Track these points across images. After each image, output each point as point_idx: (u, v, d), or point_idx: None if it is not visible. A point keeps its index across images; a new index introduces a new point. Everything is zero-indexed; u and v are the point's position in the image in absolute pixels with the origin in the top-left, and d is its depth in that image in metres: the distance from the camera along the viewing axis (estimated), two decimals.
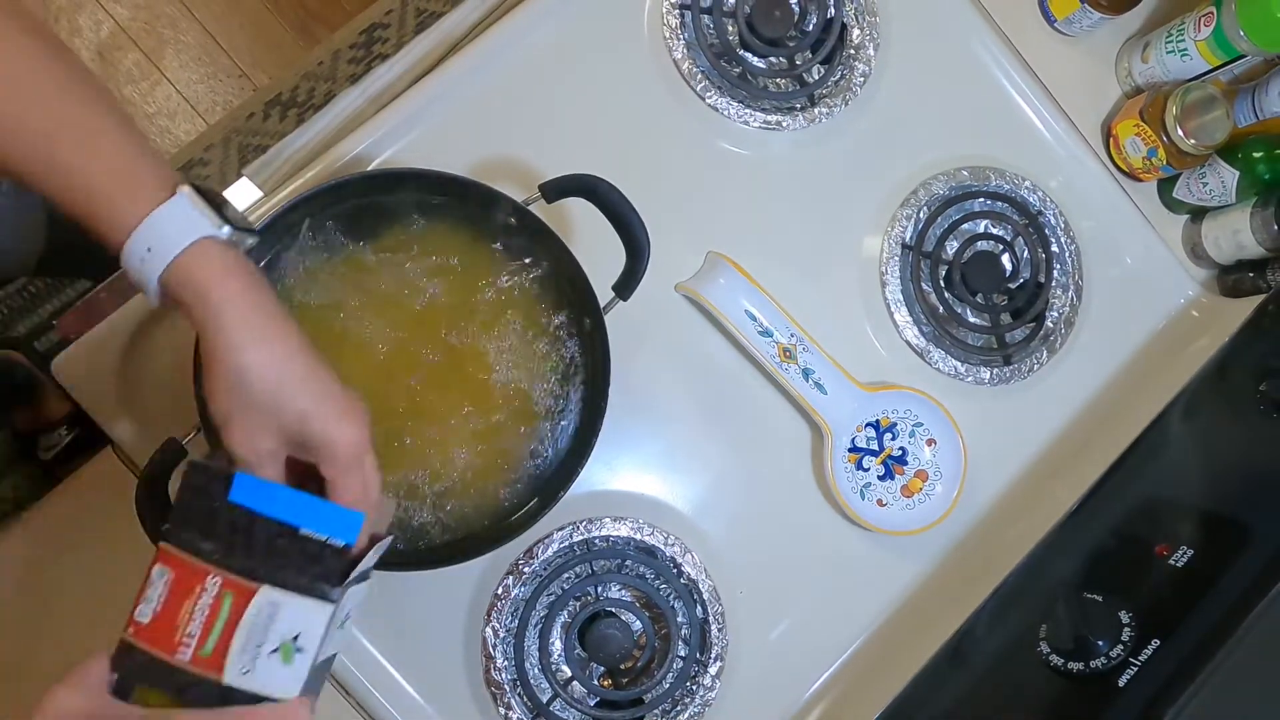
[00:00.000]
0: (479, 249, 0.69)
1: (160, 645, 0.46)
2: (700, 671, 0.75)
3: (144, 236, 0.44)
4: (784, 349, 0.76)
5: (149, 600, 0.47)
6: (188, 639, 0.46)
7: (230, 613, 0.46)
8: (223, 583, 0.46)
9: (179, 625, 0.46)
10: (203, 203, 0.45)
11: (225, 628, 0.46)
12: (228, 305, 0.44)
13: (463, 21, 0.82)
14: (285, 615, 0.46)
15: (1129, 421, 0.82)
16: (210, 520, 0.47)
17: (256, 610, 0.46)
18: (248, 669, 0.46)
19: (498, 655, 0.73)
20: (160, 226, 0.44)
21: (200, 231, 0.44)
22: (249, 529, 0.47)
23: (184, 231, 0.44)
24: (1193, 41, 0.82)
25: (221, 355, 0.44)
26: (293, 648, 0.46)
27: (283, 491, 0.47)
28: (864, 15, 0.84)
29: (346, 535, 0.47)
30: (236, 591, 0.46)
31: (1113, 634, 0.63)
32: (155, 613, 0.47)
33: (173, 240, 0.44)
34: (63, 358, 0.71)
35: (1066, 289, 0.86)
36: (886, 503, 0.79)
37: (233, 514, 0.47)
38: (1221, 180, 0.84)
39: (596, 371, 0.69)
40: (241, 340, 0.44)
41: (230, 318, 0.44)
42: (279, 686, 0.46)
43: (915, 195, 0.84)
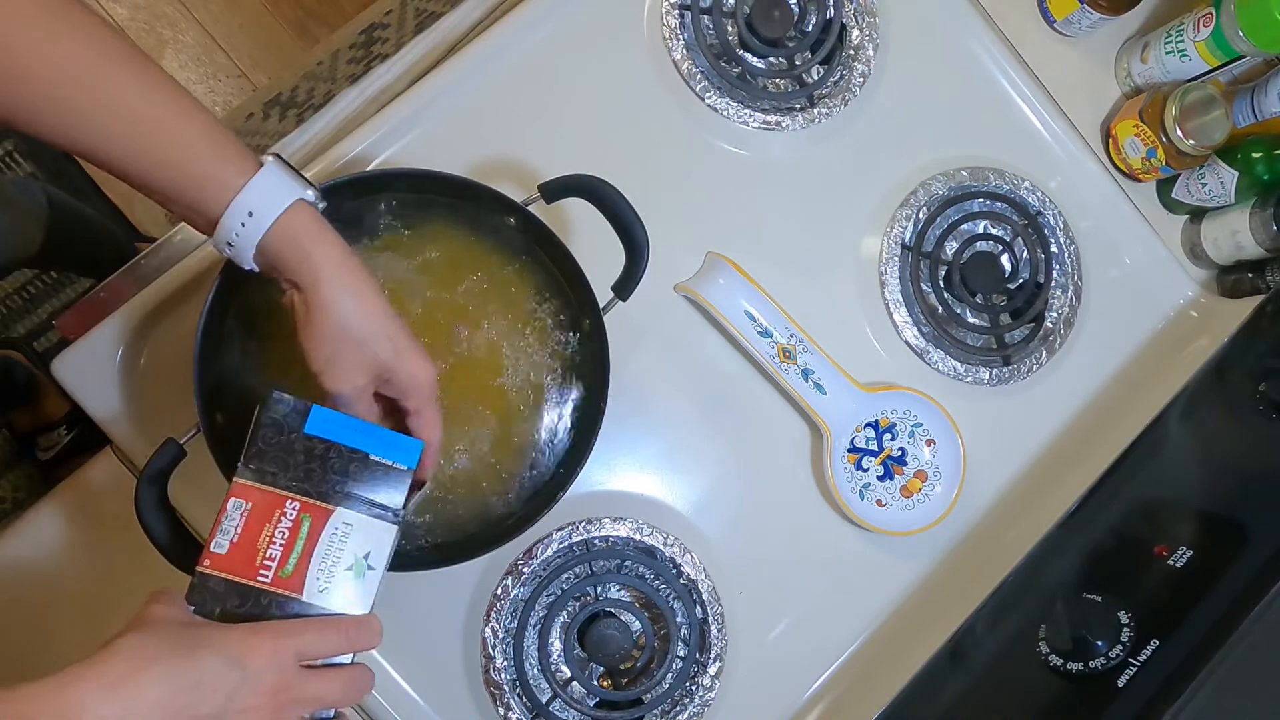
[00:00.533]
0: (478, 249, 0.69)
1: (240, 571, 0.50)
2: (699, 672, 0.75)
3: (243, 204, 0.48)
4: (783, 349, 0.77)
5: (225, 532, 0.50)
6: (268, 562, 0.50)
7: (308, 534, 0.50)
8: (301, 506, 0.51)
9: (259, 550, 0.50)
10: (291, 169, 0.49)
11: (304, 548, 0.50)
12: (328, 262, 0.50)
13: (463, 21, 0.82)
14: (357, 535, 0.51)
15: (1128, 422, 0.82)
16: (287, 451, 0.51)
17: (332, 530, 0.51)
18: (325, 586, 0.50)
19: (497, 655, 0.73)
20: (259, 194, 0.48)
21: (295, 194, 0.49)
22: (324, 456, 0.52)
23: (281, 196, 0.49)
24: (1192, 42, 0.82)
25: (327, 304, 0.50)
26: (364, 564, 0.51)
27: (352, 422, 0.53)
28: (863, 16, 0.84)
29: (409, 460, 0.53)
30: (314, 514, 0.51)
31: (1112, 634, 0.64)
32: (233, 542, 0.50)
33: (272, 205, 0.48)
34: (62, 358, 0.71)
35: (1066, 289, 0.86)
36: (886, 503, 0.79)
37: (309, 443, 0.52)
38: (1220, 181, 0.84)
39: (596, 372, 0.69)
40: (344, 291, 0.50)
41: (332, 272, 0.50)
42: (353, 602, 0.51)
43: (914, 195, 0.84)
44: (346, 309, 0.51)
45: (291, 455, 0.52)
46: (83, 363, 0.72)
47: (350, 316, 0.51)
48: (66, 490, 0.72)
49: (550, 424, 0.70)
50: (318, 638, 0.48)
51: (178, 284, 0.73)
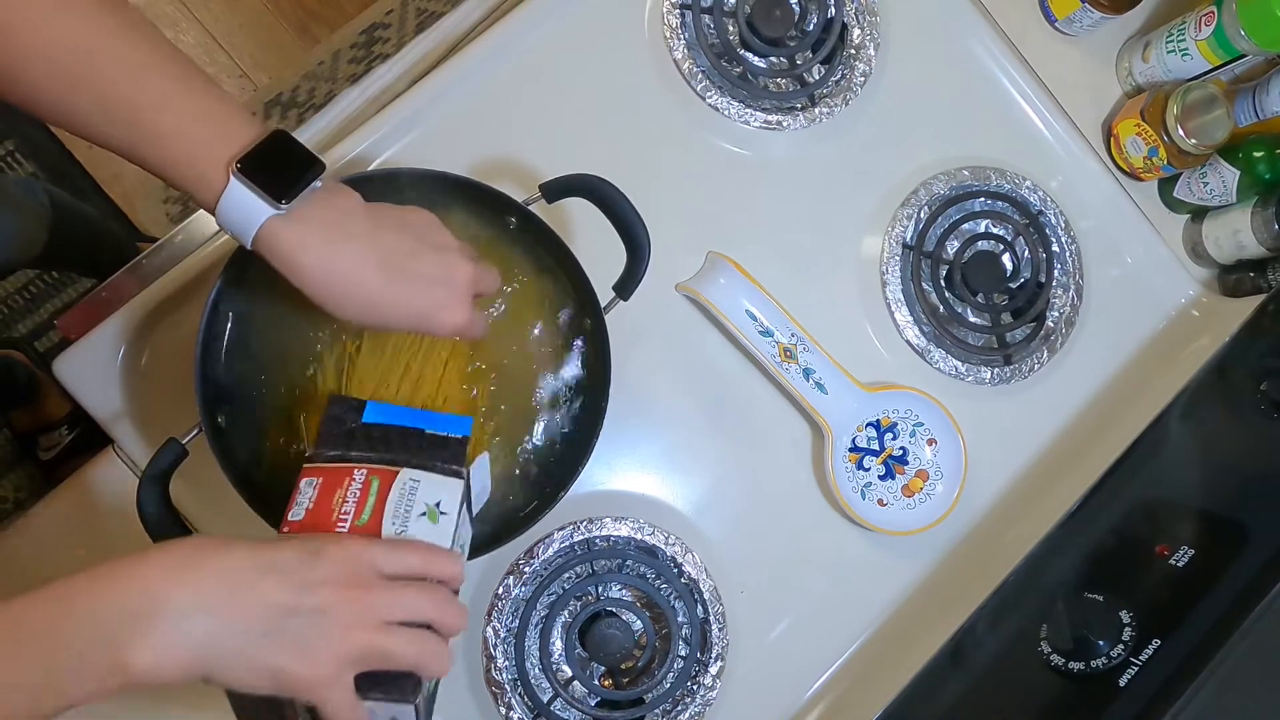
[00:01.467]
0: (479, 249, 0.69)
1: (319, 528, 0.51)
2: (701, 671, 0.75)
3: (221, 220, 0.49)
4: (784, 349, 0.76)
5: (300, 505, 0.52)
6: (344, 517, 0.51)
7: (379, 491, 0.52)
8: (369, 471, 0.53)
9: (334, 509, 0.51)
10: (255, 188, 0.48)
11: (376, 503, 0.52)
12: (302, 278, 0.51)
13: (464, 21, 0.82)
14: (425, 488, 0.53)
15: (1129, 421, 0.82)
16: (349, 439, 0.55)
17: (401, 485, 0.53)
18: (401, 530, 0.51)
19: (498, 655, 0.73)
20: (229, 215, 0.49)
21: (261, 216, 0.49)
22: (384, 436, 0.55)
23: (248, 218, 0.49)
24: (1193, 41, 0.82)
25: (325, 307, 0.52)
26: (437, 511, 0.53)
27: (405, 410, 0.57)
28: (864, 15, 0.84)
29: (462, 430, 0.57)
30: (381, 476, 0.53)
31: (1113, 634, 0.63)
32: (308, 509, 0.51)
33: (242, 226, 0.49)
34: (64, 358, 0.72)
35: (1067, 289, 0.86)
36: (887, 502, 0.79)
37: (368, 430, 0.56)
38: (1222, 180, 0.84)
39: (597, 371, 0.69)
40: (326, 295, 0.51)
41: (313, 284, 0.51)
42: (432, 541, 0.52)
43: (916, 195, 0.84)
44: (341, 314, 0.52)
45: (353, 441, 0.55)
46: (84, 362, 0.72)
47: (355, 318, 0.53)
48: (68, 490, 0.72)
49: (551, 423, 0.70)
50: (393, 551, 0.49)
51: (179, 284, 0.73)
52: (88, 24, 0.46)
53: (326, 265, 0.51)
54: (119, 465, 0.72)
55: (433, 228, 0.56)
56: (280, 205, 0.49)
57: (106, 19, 0.47)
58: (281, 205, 0.49)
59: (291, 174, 0.50)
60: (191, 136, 0.48)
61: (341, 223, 0.52)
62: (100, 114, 0.47)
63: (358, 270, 0.51)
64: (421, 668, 0.48)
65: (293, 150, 0.51)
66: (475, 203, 0.67)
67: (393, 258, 0.53)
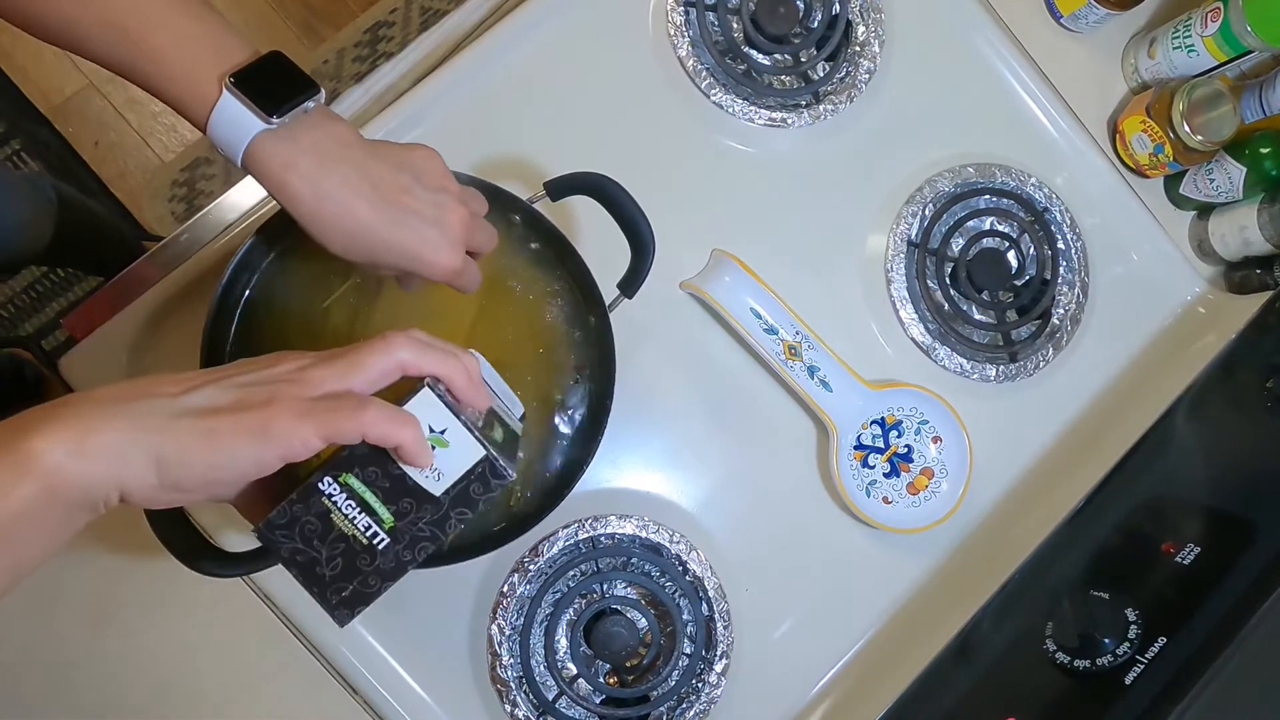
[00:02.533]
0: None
1: None
2: (705, 669, 0.75)
3: (213, 135, 0.48)
4: (789, 346, 0.76)
5: None
6: None
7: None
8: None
9: None
10: (246, 101, 0.48)
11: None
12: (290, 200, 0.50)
13: (467, 19, 0.82)
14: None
15: (1135, 418, 0.82)
16: None
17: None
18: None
19: (503, 653, 0.73)
20: (219, 130, 0.48)
21: (252, 131, 0.48)
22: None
23: (238, 132, 0.48)
24: (1199, 37, 0.82)
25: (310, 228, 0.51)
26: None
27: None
28: (869, 12, 0.84)
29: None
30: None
31: (1119, 632, 0.63)
32: None
33: (232, 141, 0.48)
34: (70, 357, 0.72)
35: (1072, 286, 0.85)
36: (892, 500, 0.79)
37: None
38: (1228, 176, 0.84)
39: (601, 369, 0.69)
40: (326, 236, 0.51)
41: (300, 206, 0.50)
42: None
43: (920, 192, 0.84)
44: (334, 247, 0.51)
45: None
46: (90, 361, 0.72)
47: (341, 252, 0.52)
48: None
49: (556, 422, 0.70)
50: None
51: (184, 282, 0.73)
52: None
53: (316, 188, 0.50)
54: None
55: (432, 168, 0.55)
56: (271, 120, 0.48)
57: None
58: (272, 120, 0.48)
59: (284, 92, 0.49)
60: (187, 53, 0.48)
61: (335, 148, 0.51)
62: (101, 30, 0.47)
63: (348, 197, 0.50)
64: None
65: (288, 70, 0.50)
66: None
67: (385, 190, 0.51)
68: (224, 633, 0.72)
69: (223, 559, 0.59)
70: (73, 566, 0.71)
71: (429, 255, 0.53)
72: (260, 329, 0.65)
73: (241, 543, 0.66)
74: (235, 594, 0.72)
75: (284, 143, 0.49)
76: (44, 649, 0.71)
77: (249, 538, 0.71)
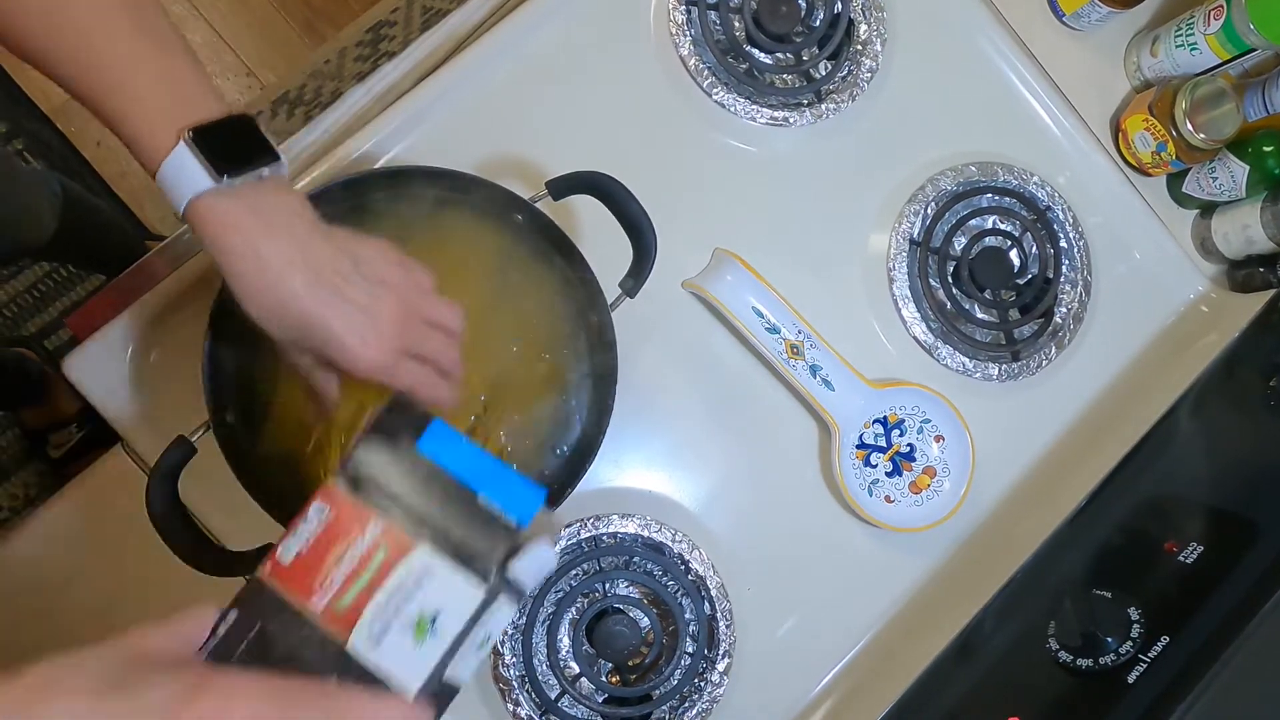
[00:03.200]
0: (485, 246, 0.69)
1: (297, 588, 0.43)
2: (708, 668, 0.75)
3: (159, 182, 0.47)
4: (791, 345, 0.76)
5: (298, 538, 0.43)
6: (328, 585, 0.42)
7: (379, 568, 0.43)
8: (382, 531, 0.43)
9: (324, 569, 0.42)
10: (199, 156, 0.47)
11: (369, 583, 0.42)
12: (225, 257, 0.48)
13: (469, 19, 0.82)
14: (433, 585, 0.42)
15: (1137, 417, 0.82)
16: (389, 464, 0.45)
17: (407, 570, 0.42)
18: (377, 639, 0.41)
19: (505, 651, 0.73)
20: (168, 178, 0.47)
21: (198, 186, 0.47)
22: (426, 481, 0.45)
23: (186, 184, 0.47)
24: (1202, 35, 0.82)
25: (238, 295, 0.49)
26: (429, 627, 0.42)
27: (472, 451, 0.46)
28: (871, 11, 0.83)
29: (521, 514, 0.44)
30: (392, 545, 0.43)
31: (1122, 631, 0.63)
32: (300, 553, 0.43)
33: (178, 192, 0.47)
34: (73, 356, 0.72)
35: (1075, 285, 0.85)
36: (894, 499, 0.79)
37: (415, 462, 0.45)
38: (1231, 175, 0.84)
39: (603, 369, 0.69)
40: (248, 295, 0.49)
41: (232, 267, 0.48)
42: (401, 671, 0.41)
43: (922, 191, 0.84)
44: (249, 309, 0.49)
45: (394, 469, 0.45)
46: (93, 361, 0.72)
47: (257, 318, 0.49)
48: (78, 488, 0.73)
49: (557, 421, 0.70)
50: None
51: (188, 281, 0.73)
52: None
53: (254, 249, 0.48)
54: (128, 463, 0.72)
55: (377, 260, 0.52)
56: (220, 179, 0.47)
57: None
58: (222, 180, 0.47)
59: (242, 155, 0.48)
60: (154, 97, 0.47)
61: (280, 218, 0.50)
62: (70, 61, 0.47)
63: (282, 265, 0.48)
64: None
65: (251, 135, 0.49)
66: (481, 200, 0.67)
67: (321, 269, 0.49)
68: None
69: (225, 558, 0.59)
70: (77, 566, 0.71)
71: (351, 341, 0.50)
72: None
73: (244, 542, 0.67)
74: None
75: (229, 200, 0.48)
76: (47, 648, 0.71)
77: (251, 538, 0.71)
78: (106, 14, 0.47)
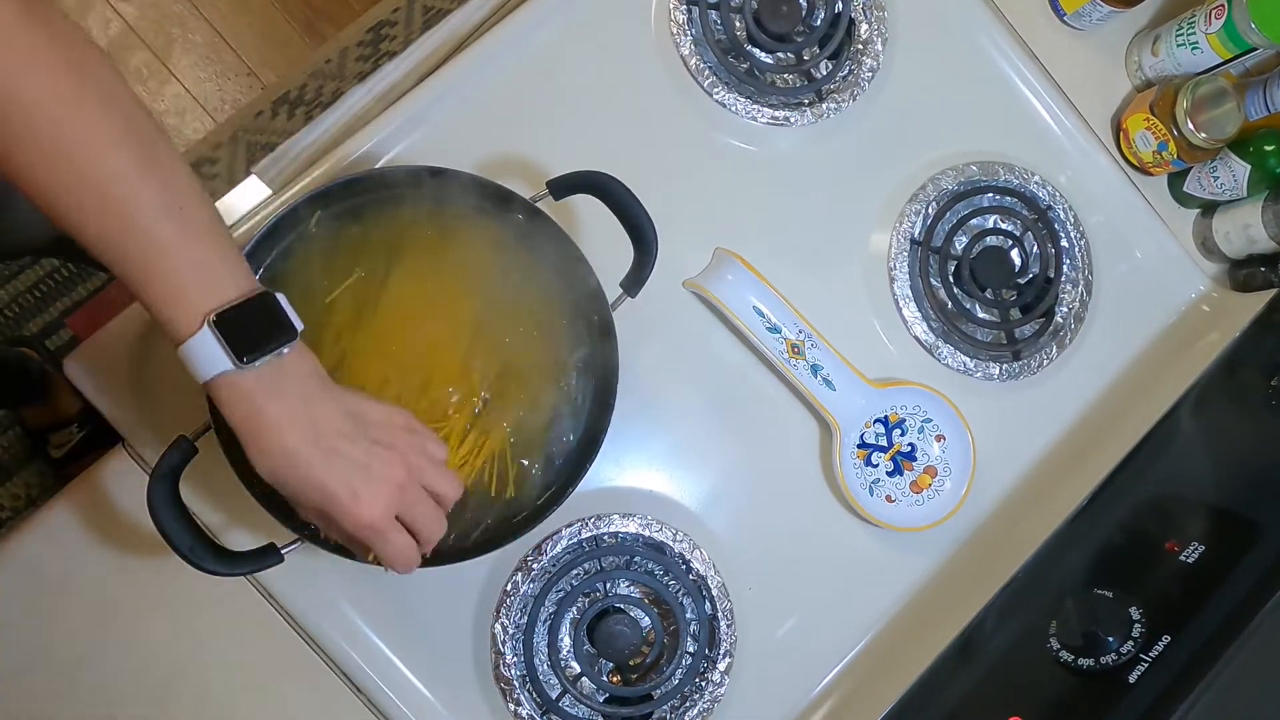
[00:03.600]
0: (486, 246, 0.69)
1: None
2: (709, 668, 0.75)
3: (183, 355, 0.50)
4: (792, 345, 0.76)
5: None
6: None
7: None
8: None
9: None
10: (222, 342, 0.49)
11: None
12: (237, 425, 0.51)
13: (470, 17, 0.82)
14: None
15: (1139, 417, 0.82)
16: None
17: None
18: None
19: (507, 651, 0.73)
20: (191, 356, 0.49)
21: (219, 368, 0.49)
22: None
23: (207, 366, 0.49)
24: (1203, 34, 0.82)
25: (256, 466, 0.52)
26: None
27: None
28: (872, 10, 0.83)
29: None
30: None
31: (1123, 630, 0.63)
32: None
33: (200, 371, 0.50)
34: (74, 356, 0.72)
35: (1076, 284, 0.85)
36: (895, 499, 0.79)
37: None
38: (1232, 174, 0.84)
39: (604, 368, 0.69)
40: (254, 456, 0.51)
41: (246, 437, 0.51)
42: None
43: (923, 190, 0.84)
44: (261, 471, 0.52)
45: None
46: (94, 361, 0.72)
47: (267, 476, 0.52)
48: (78, 488, 0.73)
49: (558, 420, 0.70)
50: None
51: None
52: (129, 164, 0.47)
53: (258, 414, 0.50)
54: (129, 463, 0.72)
55: (384, 423, 0.55)
56: (242, 363, 0.49)
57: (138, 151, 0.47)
58: (243, 363, 0.49)
59: (262, 337, 0.50)
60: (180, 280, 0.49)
61: (290, 384, 0.52)
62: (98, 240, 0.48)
63: (283, 427, 0.51)
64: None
65: (272, 315, 0.51)
66: (482, 200, 0.67)
67: (322, 430, 0.52)
68: (228, 632, 0.72)
69: (226, 558, 0.59)
70: (79, 565, 0.71)
71: (344, 498, 0.52)
72: None
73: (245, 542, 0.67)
74: (239, 593, 0.72)
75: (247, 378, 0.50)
76: (50, 647, 0.71)
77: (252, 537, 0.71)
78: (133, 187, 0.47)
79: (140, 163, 0.47)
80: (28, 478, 1.41)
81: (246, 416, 0.51)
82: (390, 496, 0.53)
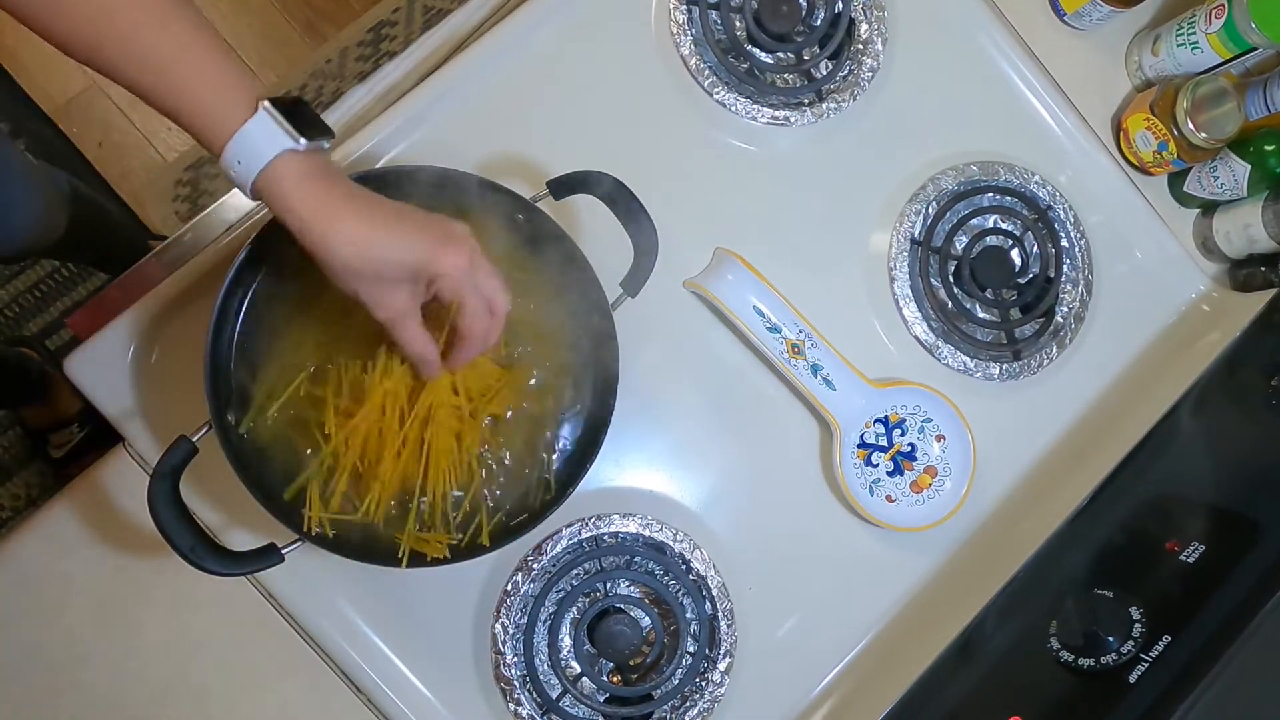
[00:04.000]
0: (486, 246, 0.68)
1: None
2: (709, 668, 0.75)
3: (234, 151, 0.49)
4: (792, 345, 0.76)
5: None
6: None
7: None
8: None
9: None
10: (281, 118, 0.49)
11: None
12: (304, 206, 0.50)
13: (470, 18, 0.82)
14: None
15: (1139, 417, 0.82)
16: None
17: None
18: None
19: (507, 651, 0.73)
20: (246, 142, 0.49)
21: (280, 146, 0.49)
22: None
23: (266, 146, 0.49)
24: (1203, 34, 0.82)
25: (315, 249, 0.51)
26: None
27: None
28: (872, 10, 0.83)
29: None
30: None
31: (1123, 630, 0.63)
32: None
33: (258, 154, 0.49)
34: (74, 356, 0.72)
35: (1076, 284, 0.85)
36: (895, 499, 0.79)
37: None
38: (1232, 174, 0.84)
39: (605, 368, 0.69)
40: (323, 230, 0.50)
41: (309, 215, 0.50)
42: None
43: (924, 190, 0.84)
44: (331, 244, 0.51)
45: None
46: (95, 361, 0.72)
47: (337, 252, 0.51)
48: (79, 488, 0.73)
49: (559, 420, 0.70)
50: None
51: (189, 281, 0.73)
52: None
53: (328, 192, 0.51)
54: (130, 463, 0.72)
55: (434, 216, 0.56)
56: (299, 140, 0.49)
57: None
58: (300, 140, 0.49)
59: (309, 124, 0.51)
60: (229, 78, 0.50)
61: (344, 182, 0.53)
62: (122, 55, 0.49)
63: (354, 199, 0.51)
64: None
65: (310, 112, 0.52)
66: (483, 200, 0.67)
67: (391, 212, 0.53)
68: (228, 632, 0.72)
69: (226, 558, 0.59)
70: (79, 566, 0.71)
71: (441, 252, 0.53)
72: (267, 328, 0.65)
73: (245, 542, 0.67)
74: (239, 593, 0.72)
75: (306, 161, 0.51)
76: (51, 647, 0.71)
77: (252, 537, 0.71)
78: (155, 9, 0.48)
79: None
80: (28, 478, 1.41)
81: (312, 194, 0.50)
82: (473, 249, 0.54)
